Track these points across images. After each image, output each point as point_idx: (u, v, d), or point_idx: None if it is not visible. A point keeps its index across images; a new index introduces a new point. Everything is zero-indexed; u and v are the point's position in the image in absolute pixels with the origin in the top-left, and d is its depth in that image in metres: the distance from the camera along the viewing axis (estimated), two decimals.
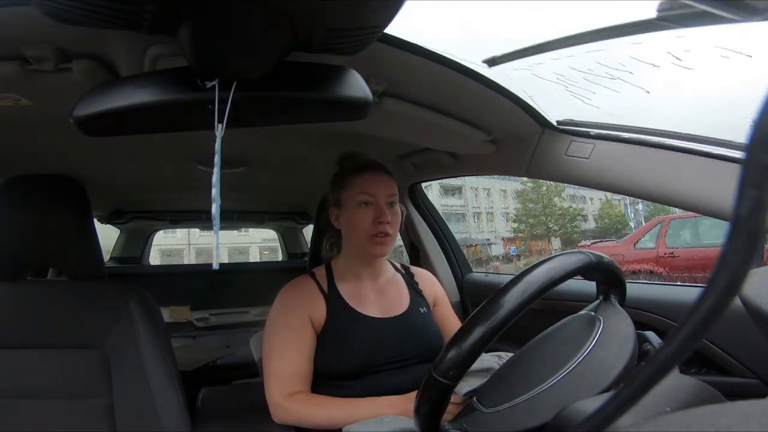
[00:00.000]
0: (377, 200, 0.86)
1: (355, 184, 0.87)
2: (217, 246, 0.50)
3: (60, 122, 0.56)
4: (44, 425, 0.75)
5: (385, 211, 0.85)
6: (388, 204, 0.87)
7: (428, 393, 0.49)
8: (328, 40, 0.49)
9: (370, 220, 0.85)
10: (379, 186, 0.87)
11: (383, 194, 0.87)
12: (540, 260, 0.52)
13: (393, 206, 0.88)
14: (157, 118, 0.54)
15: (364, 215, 0.86)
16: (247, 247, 14.53)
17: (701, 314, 0.17)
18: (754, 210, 0.16)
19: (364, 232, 0.86)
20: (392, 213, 0.87)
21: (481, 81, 0.76)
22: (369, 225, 0.85)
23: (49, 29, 0.52)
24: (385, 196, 0.87)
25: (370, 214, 0.85)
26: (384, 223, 0.85)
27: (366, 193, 0.86)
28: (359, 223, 0.86)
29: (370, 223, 0.85)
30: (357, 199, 0.86)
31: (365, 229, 0.85)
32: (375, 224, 0.85)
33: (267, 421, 0.81)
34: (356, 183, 0.87)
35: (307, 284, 0.90)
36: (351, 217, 0.87)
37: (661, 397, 0.38)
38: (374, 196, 0.86)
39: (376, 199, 0.86)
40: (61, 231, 0.83)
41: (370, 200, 0.86)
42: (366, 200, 0.86)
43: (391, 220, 0.86)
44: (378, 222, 0.85)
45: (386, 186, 0.88)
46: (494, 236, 18.93)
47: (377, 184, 0.87)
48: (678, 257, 5.84)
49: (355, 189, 0.87)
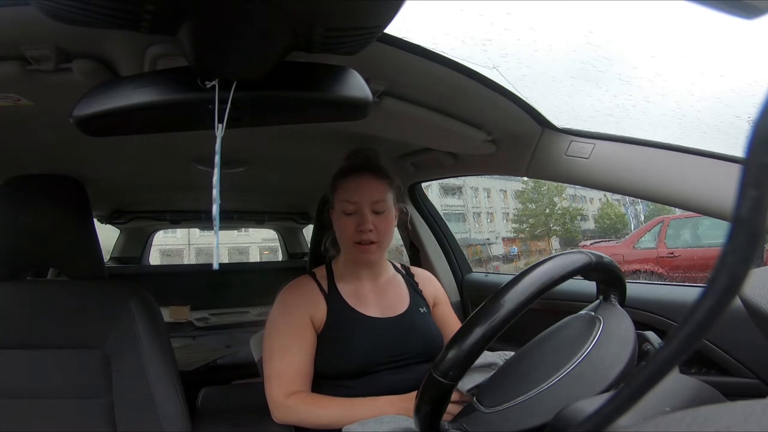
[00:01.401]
0: (360, 207, 0.84)
1: (341, 190, 0.86)
2: (217, 246, 0.50)
3: (60, 122, 0.56)
4: (44, 425, 0.75)
5: (368, 219, 0.83)
6: (373, 211, 0.84)
7: (428, 393, 0.49)
8: (328, 40, 0.49)
9: (353, 227, 0.83)
10: (362, 192, 0.84)
11: (367, 201, 0.83)
12: (540, 260, 0.52)
13: (379, 213, 0.85)
14: (157, 118, 0.54)
15: (346, 223, 0.84)
16: (247, 247, 14.53)
17: (701, 314, 0.17)
18: (754, 210, 0.16)
19: (348, 239, 0.85)
20: (378, 219, 0.84)
21: (481, 81, 0.76)
22: (352, 233, 0.84)
23: (49, 29, 0.52)
24: (369, 203, 0.83)
25: (352, 222, 0.84)
26: (366, 232, 0.82)
27: (348, 201, 0.84)
28: (343, 231, 0.85)
29: (353, 231, 0.83)
30: (341, 206, 0.85)
31: (349, 236, 0.84)
32: (357, 232, 0.83)
33: (267, 421, 0.81)
34: (342, 189, 0.86)
35: (307, 284, 0.90)
36: (337, 222, 0.87)
37: (661, 397, 0.38)
38: (356, 203, 0.84)
39: (359, 206, 0.84)
40: (61, 231, 0.83)
41: (352, 209, 0.84)
42: (348, 210, 0.84)
43: (377, 226, 0.83)
44: (359, 230, 0.83)
45: (372, 192, 0.84)
46: (494, 236, 18.93)
47: (360, 191, 0.84)
48: (678, 257, 5.84)
49: (341, 195, 0.86)
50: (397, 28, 0.57)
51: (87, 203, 0.87)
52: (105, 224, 2.23)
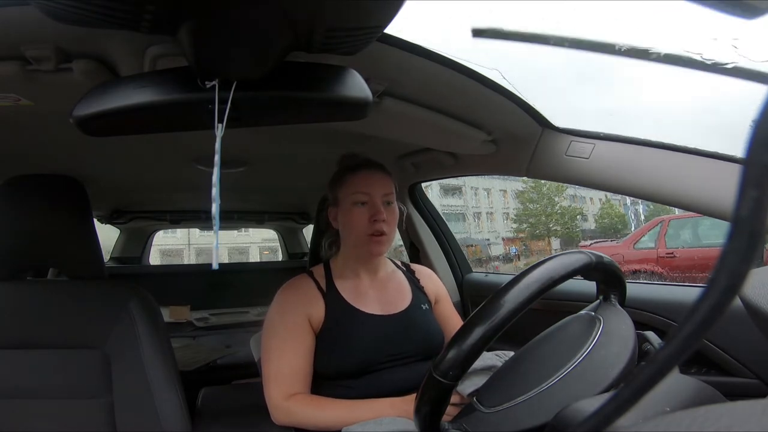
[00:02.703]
0: (372, 199, 0.86)
1: (351, 183, 0.87)
2: (217, 246, 0.50)
3: (60, 122, 0.56)
4: (44, 425, 0.75)
5: (381, 209, 0.85)
6: (385, 202, 0.87)
7: (428, 393, 0.49)
8: (328, 40, 0.49)
9: (366, 218, 0.85)
10: (374, 184, 0.87)
11: (379, 193, 0.86)
12: (540, 260, 0.52)
13: (389, 205, 0.88)
14: (157, 118, 0.54)
15: (359, 214, 0.85)
16: (247, 247, 14.54)
17: (701, 314, 0.17)
18: (754, 210, 0.16)
19: (360, 230, 0.85)
20: (388, 211, 0.87)
21: (481, 81, 0.76)
22: (365, 224, 0.85)
23: (49, 29, 0.52)
24: (380, 195, 0.86)
25: (365, 212, 0.85)
26: (380, 221, 0.85)
27: (361, 192, 0.86)
28: (355, 222, 0.86)
29: (366, 222, 0.85)
30: (353, 197, 0.86)
31: (361, 228, 0.85)
32: (371, 223, 0.85)
33: (267, 421, 0.81)
34: (352, 182, 0.87)
35: (304, 283, 0.90)
36: (347, 215, 0.87)
37: (661, 397, 0.38)
38: (369, 194, 0.86)
39: (372, 197, 0.86)
40: (61, 231, 0.83)
41: (365, 199, 0.86)
42: (361, 199, 0.86)
43: (387, 219, 0.86)
44: (374, 220, 0.84)
45: (382, 184, 0.87)
46: (494, 236, 18.93)
47: (372, 183, 0.87)
48: (678, 257, 5.84)
49: (351, 188, 0.87)
50: (397, 28, 0.57)
51: (87, 203, 0.87)
52: (105, 224, 2.23)
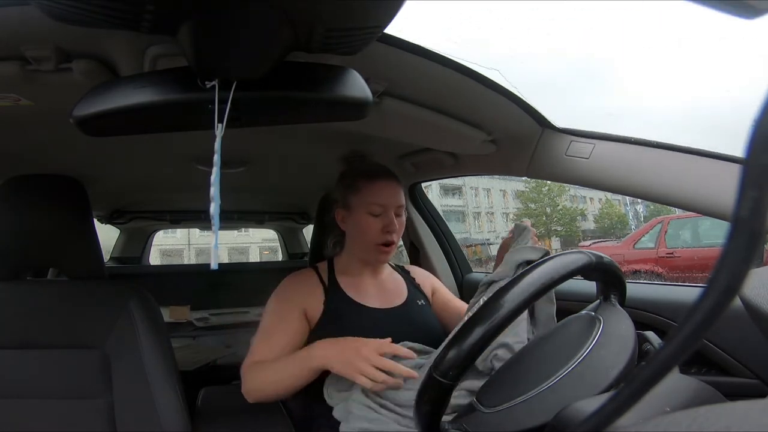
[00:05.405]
0: (387, 211, 0.88)
1: (367, 192, 0.89)
2: (216, 246, 0.49)
3: (60, 122, 0.56)
4: (44, 425, 0.75)
5: (394, 221, 0.88)
6: (395, 215, 0.89)
7: (428, 393, 0.49)
8: (328, 40, 0.49)
9: (378, 228, 0.87)
10: (391, 197, 0.89)
11: (393, 205, 0.89)
12: (540, 260, 0.52)
13: (399, 217, 0.90)
14: (157, 118, 0.54)
15: (372, 224, 0.88)
16: (247, 247, 14.54)
17: (701, 314, 0.17)
18: (754, 210, 0.16)
19: (370, 239, 0.88)
20: (399, 222, 0.90)
21: (481, 81, 0.76)
22: (377, 234, 0.87)
23: (49, 29, 0.52)
24: (394, 207, 0.89)
25: (378, 223, 0.88)
26: (392, 233, 0.88)
27: (377, 203, 0.88)
28: (367, 231, 0.88)
29: (378, 232, 0.87)
30: (368, 207, 0.88)
31: (372, 237, 0.88)
32: (383, 233, 0.87)
33: (267, 421, 0.81)
34: (368, 191, 0.89)
35: (307, 276, 0.92)
36: (359, 223, 0.89)
37: (661, 397, 0.38)
38: (385, 206, 0.88)
39: (386, 209, 0.88)
40: (61, 231, 0.83)
41: (380, 211, 0.88)
42: (376, 211, 0.88)
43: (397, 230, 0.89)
44: (386, 232, 0.87)
45: (397, 197, 0.90)
46: (494, 236, 18.93)
47: (389, 195, 0.89)
48: (678, 257, 5.85)
49: (367, 197, 0.88)
50: (397, 28, 0.57)
51: (87, 203, 0.87)
52: (105, 224, 2.23)
